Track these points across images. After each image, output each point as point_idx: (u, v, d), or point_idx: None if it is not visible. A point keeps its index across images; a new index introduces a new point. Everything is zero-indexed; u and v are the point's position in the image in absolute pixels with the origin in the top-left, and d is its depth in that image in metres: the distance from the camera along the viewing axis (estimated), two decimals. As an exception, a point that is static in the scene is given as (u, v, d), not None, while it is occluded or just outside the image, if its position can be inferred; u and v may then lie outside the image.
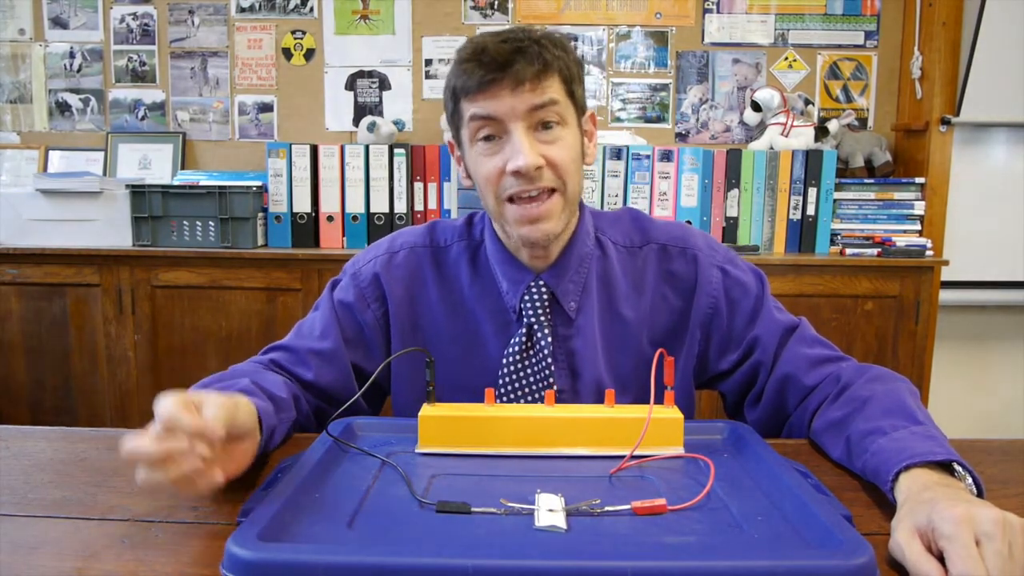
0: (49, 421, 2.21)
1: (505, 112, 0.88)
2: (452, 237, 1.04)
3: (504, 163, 0.90)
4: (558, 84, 0.90)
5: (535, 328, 0.97)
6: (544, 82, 0.88)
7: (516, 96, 0.88)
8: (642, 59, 2.53)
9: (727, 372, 1.02)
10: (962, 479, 0.69)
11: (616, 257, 1.01)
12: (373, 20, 2.52)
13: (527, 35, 0.89)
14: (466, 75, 0.89)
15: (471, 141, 0.92)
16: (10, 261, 2.19)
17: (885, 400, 0.82)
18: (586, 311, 0.99)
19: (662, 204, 2.28)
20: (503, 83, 0.87)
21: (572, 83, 0.92)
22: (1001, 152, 2.39)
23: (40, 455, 0.83)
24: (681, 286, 1.01)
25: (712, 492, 0.69)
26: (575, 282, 0.98)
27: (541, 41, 0.89)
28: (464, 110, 0.91)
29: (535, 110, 0.88)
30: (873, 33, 2.49)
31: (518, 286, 0.98)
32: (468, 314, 1.01)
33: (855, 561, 0.53)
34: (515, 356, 0.98)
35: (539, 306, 0.97)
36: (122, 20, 2.55)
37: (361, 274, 1.04)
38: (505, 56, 0.87)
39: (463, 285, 1.02)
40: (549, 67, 0.88)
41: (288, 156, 2.28)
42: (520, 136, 0.88)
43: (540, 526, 0.61)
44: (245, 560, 0.52)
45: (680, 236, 1.02)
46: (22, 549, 0.62)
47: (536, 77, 0.87)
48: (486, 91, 0.88)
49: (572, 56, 0.93)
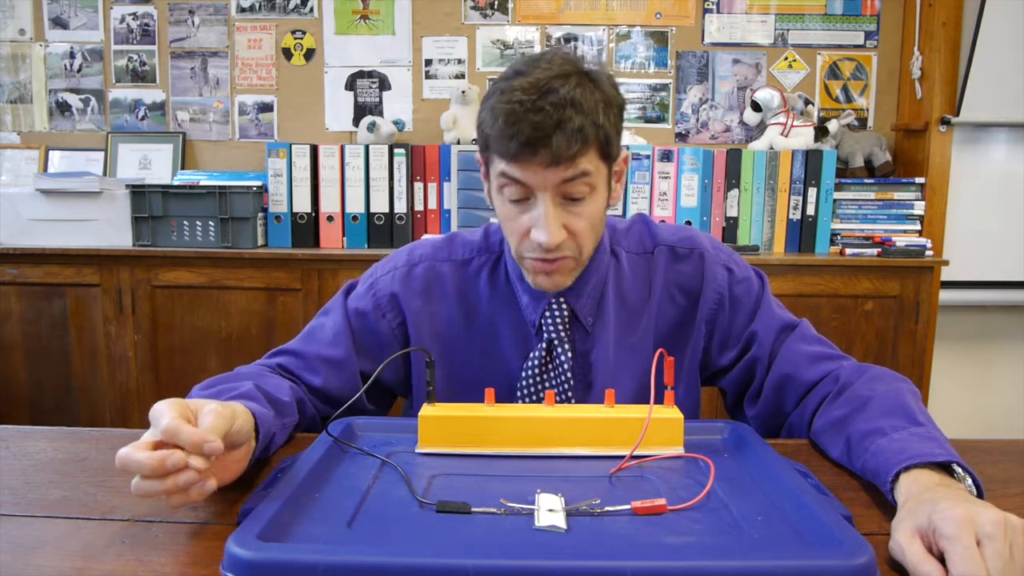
0: (49, 421, 2.21)
1: (536, 183, 0.86)
2: (471, 251, 1.04)
3: (529, 226, 0.89)
4: (593, 154, 0.86)
5: (555, 343, 0.98)
6: (580, 158, 0.85)
7: (549, 171, 0.85)
8: (642, 59, 2.53)
9: (727, 368, 1.03)
10: (962, 480, 0.69)
11: (629, 265, 1.03)
12: (373, 20, 2.52)
13: (569, 97, 0.83)
14: (500, 138, 0.85)
15: (498, 188, 0.91)
16: (10, 261, 2.19)
17: (885, 400, 0.82)
18: (602, 321, 1.00)
19: (662, 204, 2.28)
20: (537, 158, 0.84)
21: (609, 144, 0.88)
22: (1001, 152, 2.39)
23: (40, 455, 0.83)
24: (688, 285, 1.02)
25: (712, 492, 0.69)
26: (592, 297, 1.00)
27: (584, 105, 0.84)
28: (494, 162, 0.89)
29: (566, 183, 0.86)
30: (873, 33, 2.49)
31: (539, 302, 0.99)
32: (486, 327, 1.02)
33: (855, 561, 0.53)
34: (535, 370, 0.99)
35: (560, 323, 0.98)
36: (122, 20, 2.55)
37: (379, 284, 1.04)
38: (544, 131, 0.82)
39: (482, 299, 1.02)
40: (587, 142, 0.84)
41: (288, 156, 2.28)
42: (547, 209, 0.86)
43: (540, 526, 0.61)
44: (245, 560, 0.52)
45: (687, 237, 1.04)
46: (22, 549, 0.62)
47: (572, 156, 0.84)
48: (519, 160, 0.85)
49: (614, 107, 0.89)
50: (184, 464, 0.60)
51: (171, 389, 2.22)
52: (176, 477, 0.60)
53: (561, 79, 0.84)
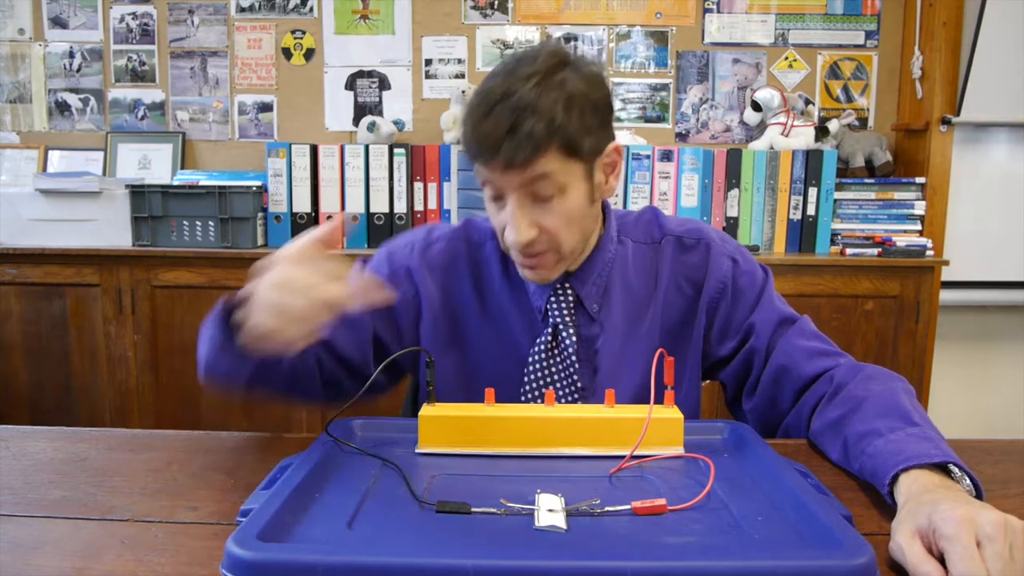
0: (49, 421, 2.21)
1: (502, 184, 0.89)
2: (485, 236, 1.06)
3: (504, 224, 0.92)
4: (555, 154, 0.86)
5: (560, 328, 1.00)
6: (536, 160, 0.85)
7: (508, 174, 0.87)
8: (642, 59, 2.53)
9: (725, 359, 1.04)
10: (960, 480, 0.69)
11: (636, 254, 1.04)
12: (373, 20, 2.52)
13: (524, 101, 0.83)
14: (465, 143, 0.89)
15: (481, 185, 0.94)
16: (10, 261, 2.19)
17: (881, 400, 0.82)
18: (608, 309, 1.02)
19: (662, 204, 2.28)
20: (495, 163, 0.86)
21: (576, 143, 0.87)
22: (1001, 152, 2.39)
23: (40, 455, 0.83)
24: (694, 275, 1.03)
25: (712, 492, 0.69)
26: (597, 284, 1.01)
27: (539, 107, 0.84)
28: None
29: (529, 184, 0.88)
30: (873, 33, 2.49)
31: (545, 288, 1.01)
32: (498, 311, 1.04)
33: (855, 561, 0.53)
34: (541, 355, 1.01)
35: (565, 309, 1.00)
36: (122, 20, 2.55)
37: (396, 254, 1.06)
38: (495, 139, 0.84)
39: (494, 283, 1.04)
40: (541, 145, 0.84)
41: (288, 156, 2.28)
42: (514, 209, 0.89)
43: (540, 526, 0.61)
44: (245, 560, 0.52)
45: (695, 228, 1.06)
46: (22, 549, 0.62)
47: (525, 161, 0.85)
48: (482, 163, 0.88)
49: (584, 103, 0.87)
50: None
51: (171, 389, 2.23)
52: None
53: (524, 80, 0.85)
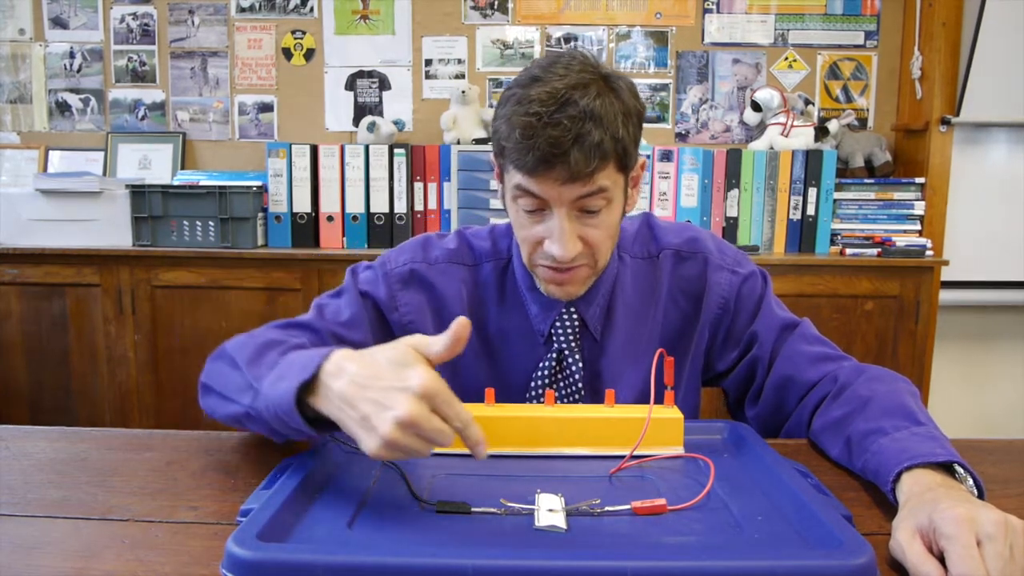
0: (49, 421, 2.20)
1: (552, 197, 0.84)
2: (482, 256, 1.02)
3: (543, 236, 0.87)
4: (611, 168, 0.84)
5: (566, 353, 0.98)
6: (597, 173, 0.82)
7: (565, 187, 0.83)
8: (642, 59, 2.53)
9: (728, 369, 1.03)
10: (963, 480, 0.69)
11: (635, 271, 1.02)
12: (373, 20, 2.52)
13: (588, 109, 0.80)
14: (516, 151, 0.83)
15: (512, 198, 0.89)
16: (10, 261, 2.19)
17: (886, 400, 0.82)
18: (610, 329, 1.00)
19: (662, 204, 2.28)
20: (554, 174, 0.82)
21: (627, 157, 0.85)
22: (1001, 152, 2.39)
23: (40, 455, 0.83)
24: (692, 289, 1.01)
25: (712, 492, 0.69)
26: (600, 305, 0.99)
27: (604, 118, 0.81)
28: (510, 171, 0.87)
29: (583, 198, 0.84)
30: (873, 33, 2.49)
31: (549, 312, 0.98)
32: (493, 335, 1.01)
33: (855, 561, 0.53)
34: (545, 380, 0.99)
35: (570, 332, 0.97)
36: (122, 20, 2.55)
37: (392, 275, 1.00)
38: (561, 147, 0.80)
39: (490, 307, 1.01)
40: (606, 157, 0.82)
41: (288, 156, 2.28)
42: (562, 223, 0.85)
43: (540, 526, 0.61)
44: (245, 560, 0.52)
45: (691, 238, 1.02)
46: (22, 549, 0.61)
47: (591, 173, 0.82)
48: (535, 175, 0.83)
49: (633, 116, 0.85)
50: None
51: (171, 389, 2.23)
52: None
53: (580, 89, 0.81)
